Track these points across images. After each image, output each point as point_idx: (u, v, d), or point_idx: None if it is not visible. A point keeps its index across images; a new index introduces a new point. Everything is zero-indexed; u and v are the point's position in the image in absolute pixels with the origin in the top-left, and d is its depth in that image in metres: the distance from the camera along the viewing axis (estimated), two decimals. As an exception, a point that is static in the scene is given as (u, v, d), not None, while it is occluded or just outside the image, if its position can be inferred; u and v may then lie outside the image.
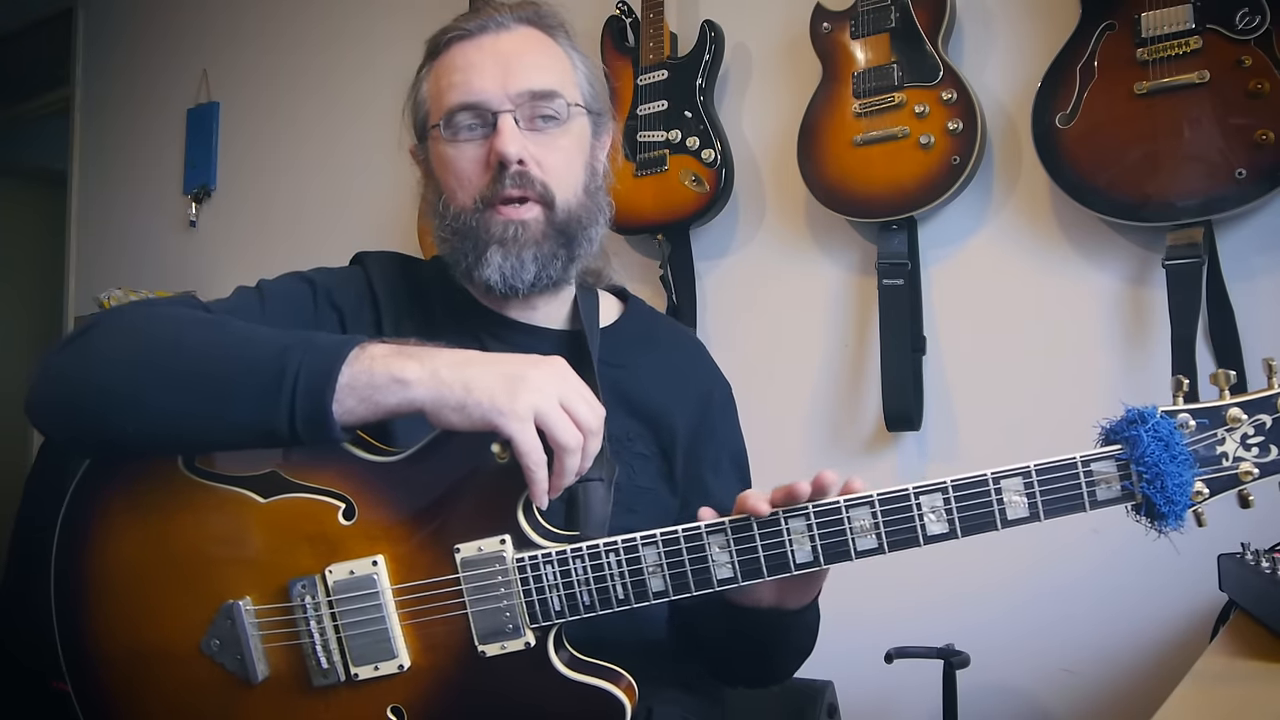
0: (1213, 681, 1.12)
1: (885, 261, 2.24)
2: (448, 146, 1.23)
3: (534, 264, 1.22)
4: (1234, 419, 0.95)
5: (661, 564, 1.02)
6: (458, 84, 1.23)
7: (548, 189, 1.22)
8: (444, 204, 1.25)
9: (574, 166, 1.26)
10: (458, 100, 1.22)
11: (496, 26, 1.25)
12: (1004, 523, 0.98)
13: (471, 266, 1.23)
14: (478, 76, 1.22)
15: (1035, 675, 2.11)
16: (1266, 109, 1.82)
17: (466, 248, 1.23)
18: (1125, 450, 0.96)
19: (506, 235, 1.21)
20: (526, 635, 1.03)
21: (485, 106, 1.21)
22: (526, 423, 0.97)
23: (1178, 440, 0.95)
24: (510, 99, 1.21)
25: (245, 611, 1.05)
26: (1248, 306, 1.95)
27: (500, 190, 1.20)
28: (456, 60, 1.25)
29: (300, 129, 3.52)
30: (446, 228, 1.25)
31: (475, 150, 1.22)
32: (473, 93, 1.21)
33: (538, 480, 0.98)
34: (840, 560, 1.00)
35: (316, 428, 0.99)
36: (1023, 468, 0.97)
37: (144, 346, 1.06)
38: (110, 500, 1.10)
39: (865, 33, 2.25)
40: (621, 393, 1.28)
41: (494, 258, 1.21)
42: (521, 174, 1.20)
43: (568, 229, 1.24)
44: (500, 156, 1.19)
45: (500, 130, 1.19)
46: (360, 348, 1.01)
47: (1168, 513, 0.95)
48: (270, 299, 1.23)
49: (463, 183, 1.22)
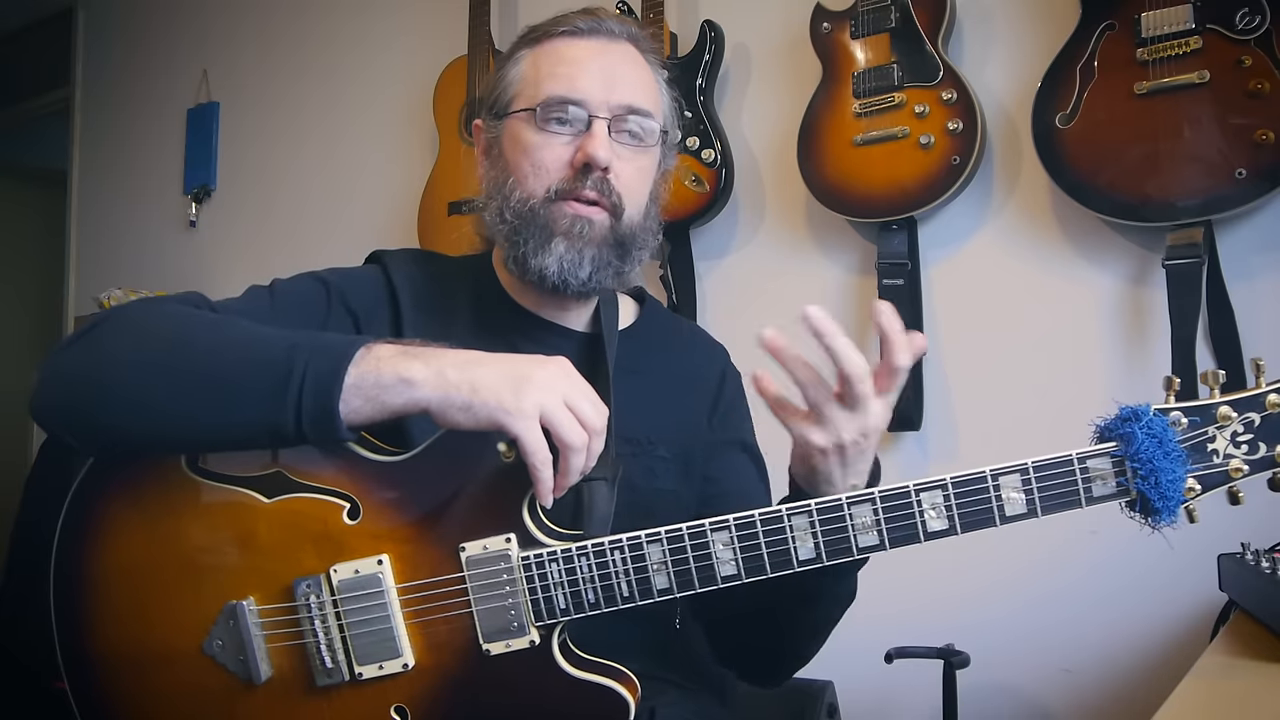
0: (1213, 681, 1.12)
1: (885, 261, 2.25)
2: (535, 133, 1.23)
3: (590, 264, 1.22)
4: (1224, 417, 0.97)
5: (666, 561, 1.02)
6: (562, 75, 1.23)
7: (620, 201, 1.23)
8: (511, 186, 1.25)
9: (644, 187, 1.28)
10: (560, 92, 1.22)
11: (609, 34, 1.27)
12: (1003, 519, 0.99)
13: (529, 254, 1.22)
14: (583, 76, 1.23)
15: (1035, 675, 2.11)
16: (1266, 109, 1.83)
17: (529, 234, 1.23)
18: (1120, 447, 0.97)
19: (573, 230, 1.21)
20: (531, 633, 1.03)
21: (584, 107, 1.22)
22: (532, 421, 0.98)
23: (1170, 437, 0.96)
24: (610, 108, 1.22)
25: (249, 612, 1.05)
26: (1248, 306, 1.95)
27: (579, 189, 1.21)
28: (564, 53, 1.25)
29: (300, 129, 3.52)
30: (510, 209, 1.24)
31: (562, 144, 1.22)
32: (577, 90, 1.22)
33: (543, 479, 0.99)
34: (843, 556, 1.01)
35: (323, 427, 0.99)
36: (1020, 465, 0.98)
37: (150, 345, 1.06)
38: (112, 500, 1.10)
39: (865, 33, 2.25)
40: (641, 397, 1.29)
41: (558, 248, 1.21)
42: (602, 180, 1.21)
43: (626, 242, 1.25)
44: (590, 159, 1.20)
45: (594, 134, 1.21)
46: (367, 348, 1.02)
47: (1161, 508, 0.96)
48: (281, 299, 1.24)
49: (539, 171, 1.23)
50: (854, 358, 0.99)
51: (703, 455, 1.34)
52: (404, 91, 3.21)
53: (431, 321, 1.27)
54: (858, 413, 1.01)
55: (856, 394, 1.00)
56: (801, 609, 1.19)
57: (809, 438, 1.03)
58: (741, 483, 1.36)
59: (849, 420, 1.02)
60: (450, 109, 2.88)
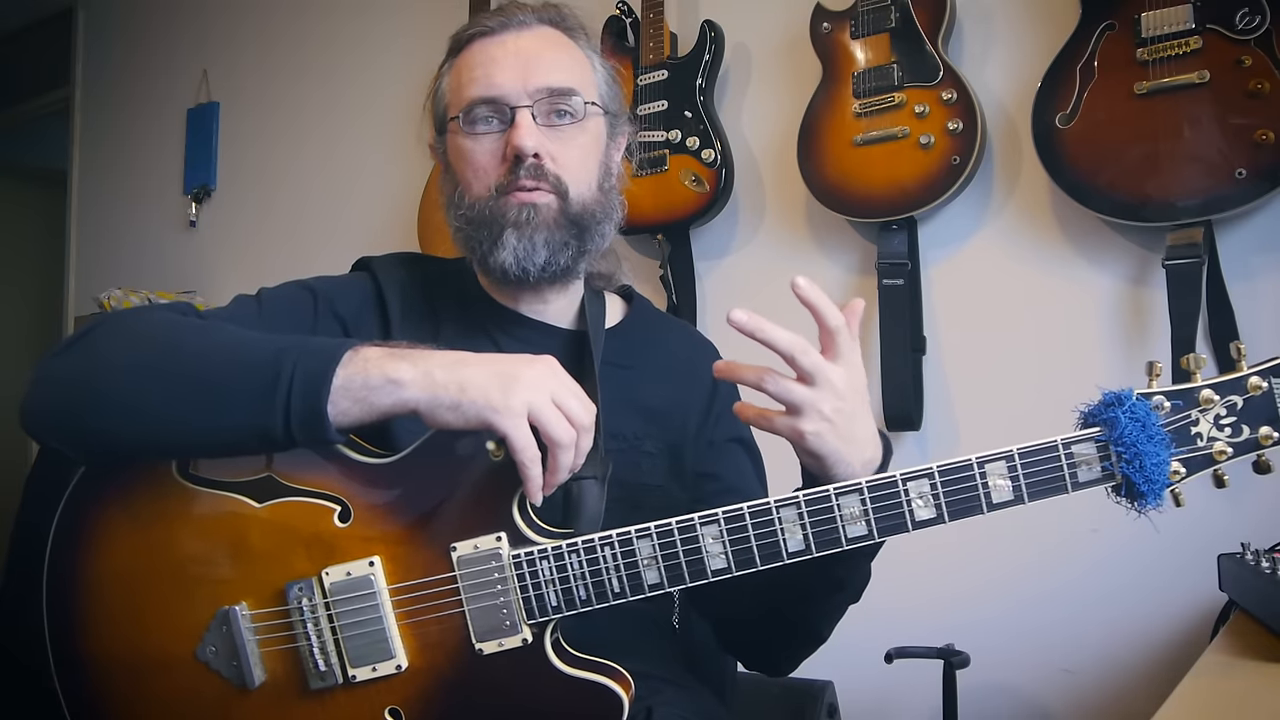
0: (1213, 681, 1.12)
1: (885, 261, 2.24)
2: (465, 139, 1.25)
3: (545, 248, 1.23)
4: (1207, 400, 0.98)
5: (656, 556, 1.02)
6: (478, 78, 1.24)
7: (561, 181, 1.24)
8: (459, 195, 1.27)
9: (589, 163, 1.28)
10: (477, 94, 1.24)
11: (518, 25, 1.27)
12: (990, 506, 0.99)
13: (486, 253, 1.24)
14: (498, 72, 1.24)
15: (1035, 675, 2.11)
16: (1266, 109, 1.82)
17: (482, 235, 1.24)
18: (1104, 432, 0.98)
19: (520, 218, 1.22)
20: (524, 632, 1.03)
21: (504, 101, 1.23)
22: (521, 419, 0.98)
23: (1154, 421, 0.97)
24: (529, 94, 1.23)
25: (241, 617, 1.05)
26: (1248, 306, 1.95)
27: (514, 180, 1.22)
28: (478, 56, 1.26)
29: (300, 129, 3.52)
30: (461, 217, 1.26)
31: (492, 143, 1.24)
32: (492, 87, 1.23)
33: (532, 477, 0.99)
34: (831, 547, 1.01)
35: (312, 429, 0.99)
36: (1006, 452, 0.99)
37: (138, 351, 1.06)
38: (104, 507, 1.10)
39: (865, 33, 2.25)
40: (629, 392, 1.29)
41: (509, 239, 1.22)
42: (536, 167, 1.22)
43: (580, 220, 1.25)
44: (516, 149, 1.21)
45: (518, 124, 1.22)
46: (354, 350, 1.02)
47: (1147, 492, 0.97)
48: (268, 307, 1.24)
49: (478, 174, 1.24)
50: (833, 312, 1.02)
51: (696, 453, 1.34)
52: (404, 92, 3.20)
53: (420, 324, 1.28)
54: (820, 384, 1.02)
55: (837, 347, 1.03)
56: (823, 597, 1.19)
57: (799, 426, 1.03)
58: (742, 479, 1.36)
59: (818, 394, 1.02)
60: (450, 109, 2.87)
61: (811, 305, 1.01)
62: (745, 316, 1.00)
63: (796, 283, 1.00)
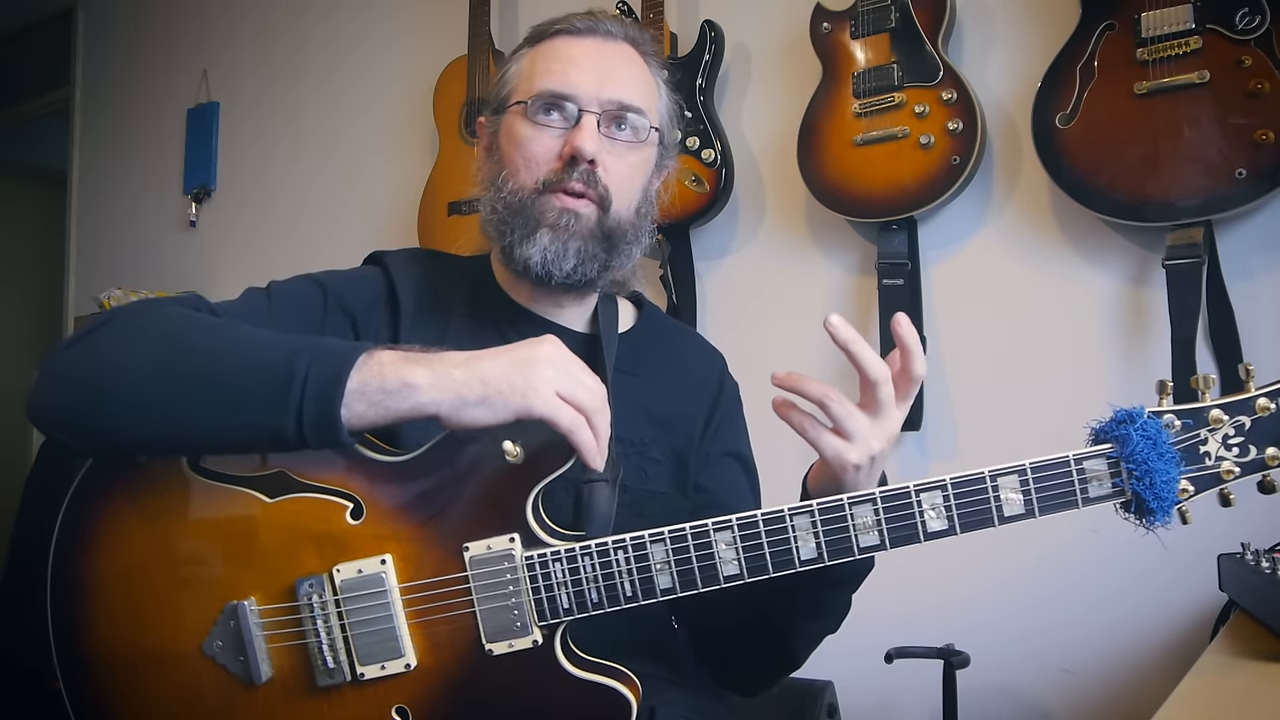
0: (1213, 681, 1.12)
1: (885, 261, 2.25)
2: (526, 126, 1.25)
3: (575, 257, 1.23)
4: (1216, 420, 0.99)
5: (669, 561, 1.03)
6: (555, 72, 1.25)
7: (608, 193, 1.25)
8: (503, 179, 1.27)
9: (634, 183, 1.29)
10: (550, 87, 1.24)
11: (605, 34, 1.29)
12: (1001, 519, 1.00)
13: (515, 244, 1.24)
14: (575, 72, 1.25)
15: (1035, 675, 2.11)
16: (1266, 109, 1.83)
17: (516, 224, 1.24)
18: (1115, 449, 0.99)
19: (559, 222, 1.23)
20: (534, 633, 1.03)
21: (575, 101, 1.24)
22: (553, 396, 0.99)
23: (1164, 439, 0.98)
24: (600, 103, 1.24)
25: (250, 612, 1.05)
26: (1248, 306, 1.96)
27: (565, 180, 1.23)
28: (559, 50, 1.28)
29: (300, 129, 3.52)
30: (500, 201, 1.26)
31: (552, 138, 1.24)
32: (568, 85, 1.24)
33: (584, 440, 1.00)
34: (844, 556, 1.02)
35: (324, 432, 0.99)
36: (1018, 466, 1.00)
37: (150, 347, 1.05)
38: (112, 500, 1.09)
39: (865, 33, 2.25)
40: (637, 399, 1.30)
41: (542, 239, 1.23)
42: (589, 172, 1.23)
43: (613, 236, 1.26)
44: (576, 151, 1.22)
45: (583, 127, 1.23)
46: (369, 353, 1.01)
47: (1156, 509, 0.98)
48: (278, 302, 1.24)
49: (529, 164, 1.25)
50: (876, 362, 1.03)
51: (696, 463, 1.35)
52: (404, 92, 3.21)
53: (431, 319, 1.28)
54: (880, 419, 1.04)
55: (880, 399, 1.03)
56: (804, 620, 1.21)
57: (845, 456, 1.04)
58: (735, 494, 1.37)
59: (874, 428, 1.04)
60: (450, 109, 2.88)
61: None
62: (840, 324, 1.02)
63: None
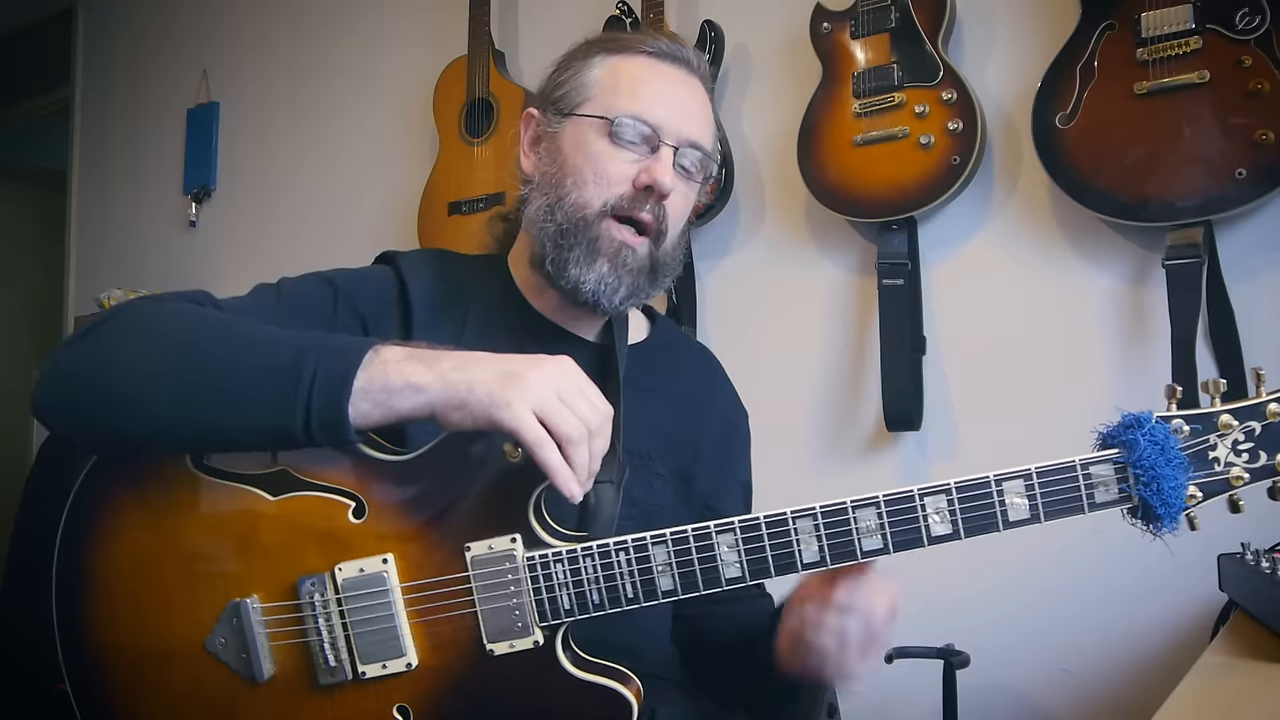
0: (1213, 681, 1.12)
1: (885, 261, 2.25)
2: (605, 143, 1.24)
3: (626, 290, 1.24)
4: (1225, 425, 0.98)
5: (671, 563, 1.03)
6: (644, 96, 1.25)
7: (666, 227, 1.26)
8: (567, 186, 1.25)
9: (684, 217, 1.31)
10: (641, 112, 1.24)
11: (685, 65, 1.29)
12: (1006, 524, 1.00)
13: (572, 262, 1.23)
14: (662, 105, 1.25)
15: (1035, 675, 2.11)
16: (1266, 109, 1.83)
17: (575, 242, 1.24)
18: (1122, 454, 0.97)
19: (618, 256, 1.23)
20: (535, 634, 1.03)
21: (659, 132, 1.24)
22: (525, 414, 0.97)
23: (1173, 445, 0.96)
24: (678, 138, 1.25)
25: (252, 609, 1.05)
26: (1248, 306, 1.96)
27: (636, 209, 1.23)
28: (645, 73, 1.28)
29: (300, 129, 3.52)
30: (562, 211, 1.25)
31: (627, 162, 1.24)
32: (657, 115, 1.24)
33: (554, 465, 0.98)
34: (846, 560, 1.02)
35: (332, 430, 0.99)
36: (1024, 470, 0.99)
37: (157, 344, 1.05)
38: (116, 497, 1.10)
39: (865, 33, 2.25)
40: (646, 413, 1.30)
41: (600, 268, 1.23)
42: (659, 206, 1.24)
43: (658, 268, 1.27)
44: (656, 184, 1.22)
45: (662, 159, 1.23)
46: (375, 351, 1.01)
47: (1164, 515, 0.96)
48: (287, 300, 1.23)
49: (601, 181, 1.24)
50: None
51: (707, 483, 1.36)
52: (404, 92, 3.21)
53: (444, 321, 1.27)
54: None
55: None
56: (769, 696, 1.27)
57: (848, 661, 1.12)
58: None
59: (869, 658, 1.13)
60: (450, 109, 2.87)
61: None
62: None
63: None
